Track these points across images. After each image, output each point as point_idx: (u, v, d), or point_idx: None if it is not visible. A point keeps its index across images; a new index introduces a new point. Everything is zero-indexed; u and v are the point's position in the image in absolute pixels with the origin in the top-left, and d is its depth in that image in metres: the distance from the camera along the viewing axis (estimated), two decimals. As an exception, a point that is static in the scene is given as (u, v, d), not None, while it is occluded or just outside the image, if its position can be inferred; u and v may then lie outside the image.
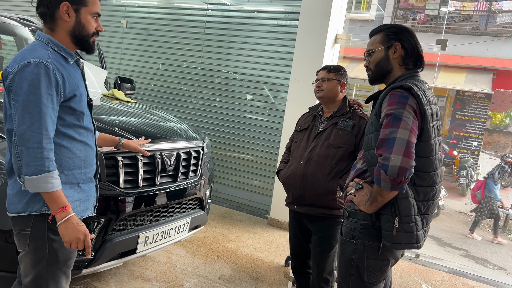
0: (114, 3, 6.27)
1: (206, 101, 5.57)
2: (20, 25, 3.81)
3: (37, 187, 1.54)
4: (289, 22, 4.99)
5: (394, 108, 1.66)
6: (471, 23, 12.14)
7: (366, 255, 1.77)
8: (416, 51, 1.84)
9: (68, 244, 1.62)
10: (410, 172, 1.61)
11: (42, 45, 1.64)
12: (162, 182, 2.68)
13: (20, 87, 1.53)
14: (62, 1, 1.63)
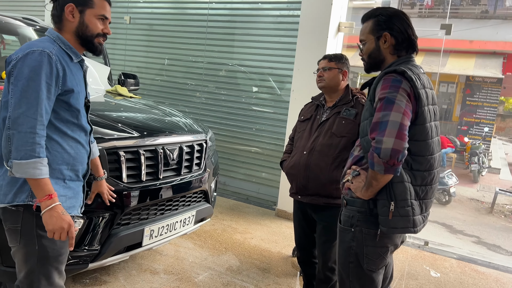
0: (117, 0, 6.28)
1: (211, 94, 5.57)
2: (23, 24, 3.84)
3: (24, 172, 1.53)
4: (291, 12, 4.95)
5: (387, 92, 1.65)
6: (480, 6, 11.91)
7: (365, 242, 1.77)
8: (407, 38, 1.80)
9: (51, 234, 1.61)
10: (403, 154, 1.59)
11: (50, 40, 1.70)
12: (166, 176, 2.70)
13: (21, 72, 1.56)
14: (67, 3, 1.69)
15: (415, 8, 12.60)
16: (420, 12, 12.43)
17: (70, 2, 1.70)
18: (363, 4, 11.59)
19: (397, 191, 1.68)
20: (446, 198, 8.78)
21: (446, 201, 8.79)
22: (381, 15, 1.82)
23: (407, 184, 1.69)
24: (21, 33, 3.63)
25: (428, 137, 1.72)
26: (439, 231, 7.03)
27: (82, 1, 1.71)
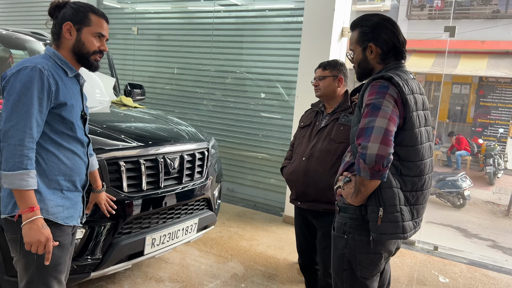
0: (125, 11, 6.41)
1: (218, 102, 5.62)
2: (32, 39, 3.95)
3: (12, 183, 1.58)
4: (295, 19, 4.97)
5: (374, 98, 1.65)
6: (491, 6, 11.74)
7: (358, 249, 1.76)
8: (392, 47, 1.80)
9: (28, 246, 1.63)
10: (388, 159, 1.59)
11: (45, 56, 1.76)
12: (167, 184, 2.73)
13: (14, 87, 1.62)
14: (65, 21, 1.76)
15: (424, 10, 12.50)
16: (430, 13, 12.32)
17: (68, 21, 1.76)
18: (366, 8, 11.57)
19: (386, 197, 1.67)
20: (460, 201, 8.64)
21: (461, 204, 8.64)
22: (365, 26, 1.83)
23: (396, 190, 1.68)
24: (28, 47, 3.73)
25: (417, 143, 1.71)
26: (452, 235, 6.92)
27: (79, 19, 1.76)
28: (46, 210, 1.70)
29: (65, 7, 1.79)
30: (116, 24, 6.44)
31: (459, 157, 11.40)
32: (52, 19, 1.81)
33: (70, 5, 1.79)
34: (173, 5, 6.00)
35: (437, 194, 8.77)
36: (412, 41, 12.06)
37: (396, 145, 1.66)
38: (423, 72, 12.11)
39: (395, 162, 1.69)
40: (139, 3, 6.21)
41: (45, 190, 1.70)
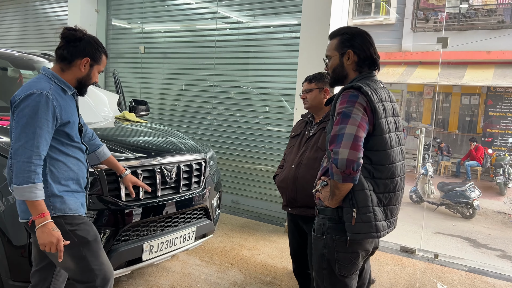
0: (132, 31, 6.67)
1: (222, 116, 5.78)
2: (42, 59, 4.18)
3: (22, 195, 1.80)
4: (294, 34, 5.14)
5: (345, 107, 1.77)
6: (496, 17, 11.79)
7: (336, 249, 1.86)
8: (368, 56, 1.92)
9: (42, 247, 1.85)
10: (358, 163, 1.70)
11: (46, 79, 1.96)
12: (164, 194, 2.87)
13: (23, 111, 1.83)
14: (85, 56, 1.96)
15: (429, 22, 12.60)
16: (435, 26, 12.41)
17: (88, 57, 1.97)
18: (369, 22, 11.74)
19: (359, 198, 1.78)
20: (470, 211, 8.57)
21: (470, 214, 8.58)
22: (346, 34, 1.96)
23: (368, 192, 1.79)
24: (37, 68, 3.95)
25: (387, 147, 1.82)
26: (461, 245, 6.88)
27: (96, 58, 2.00)
28: (69, 208, 1.96)
29: (84, 39, 1.98)
30: (124, 44, 6.70)
31: (468, 167, 11.32)
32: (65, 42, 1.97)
33: (90, 41, 1.99)
34: (177, 25, 6.23)
35: (446, 205, 8.73)
36: (417, 53, 12.16)
37: (367, 150, 1.78)
38: (431, 83, 12.15)
39: (367, 165, 1.80)
40: (146, 23, 6.47)
41: (64, 194, 1.95)
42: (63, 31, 1.97)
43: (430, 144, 11.82)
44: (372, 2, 13.43)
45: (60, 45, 1.98)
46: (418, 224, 7.00)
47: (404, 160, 1.94)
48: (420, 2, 12.64)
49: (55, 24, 7.45)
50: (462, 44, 10.88)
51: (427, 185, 9.12)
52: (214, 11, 5.75)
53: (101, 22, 6.86)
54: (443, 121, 14.02)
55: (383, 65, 12.92)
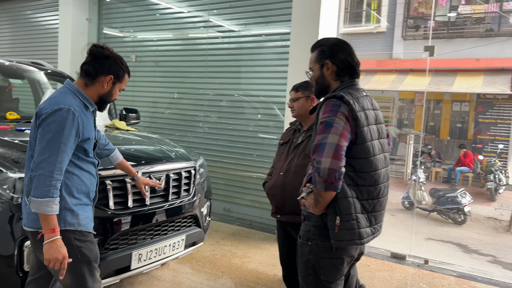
0: (124, 40, 6.69)
1: (214, 124, 5.80)
2: (32, 68, 4.18)
3: (39, 208, 1.82)
4: (284, 43, 5.18)
5: (327, 116, 1.80)
6: (484, 25, 11.97)
7: (321, 255, 1.88)
8: (347, 65, 1.96)
9: (47, 262, 1.85)
10: (339, 172, 1.72)
11: (71, 94, 2.00)
12: (153, 202, 2.87)
13: (49, 125, 1.87)
14: (109, 73, 2.02)
15: (419, 30, 12.76)
16: (425, 34, 12.57)
17: (112, 74, 2.03)
18: (359, 30, 11.87)
19: (342, 206, 1.80)
20: (461, 217, 8.62)
21: (462, 220, 8.63)
22: (324, 45, 2.01)
23: (351, 200, 1.81)
24: (27, 76, 3.95)
25: (369, 155, 1.85)
26: (452, 251, 6.92)
27: (119, 77, 2.08)
28: (78, 223, 1.98)
29: (111, 58, 2.04)
30: (116, 52, 6.70)
31: (458, 173, 11.41)
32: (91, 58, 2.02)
33: (116, 59, 2.06)
34: (169, 33, 6.26)
35: (438, 211, 8.78)
36: (408, 61, 12.30)
37: (350, 158, 1.80)
38: (421, 90, 12.28)
39: (351, 173, 1.83)
40: (138, 32, 6.49)
41: (76, 207, 1.97)
42: (91, 47, 2.04)
43: (421, 151, 11.92)
44: (363, 11, 13.59)
45: (86, 61, 2.04)
46: (409, 230, 7.02)
47: (387, 167, 1.97)
48: (410, 10, 12.81)
49: (46, 33, 7.45)
50: (451, 52, 11.03)
51: (419, 192, 9.18)
52: (205, 20, 5.80)
53: (93, 30, 6.88)
54: (434, 127, 14.15)
55: (374, 72, 13.04)
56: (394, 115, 14.45)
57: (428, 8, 12.26)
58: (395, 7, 12.80)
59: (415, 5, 12.76)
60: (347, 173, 1.82)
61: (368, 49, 12.56)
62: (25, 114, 3.60)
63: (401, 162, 12.05)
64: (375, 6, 13.56)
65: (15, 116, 3.37)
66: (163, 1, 6.23)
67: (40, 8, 7.64)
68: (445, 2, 12.37)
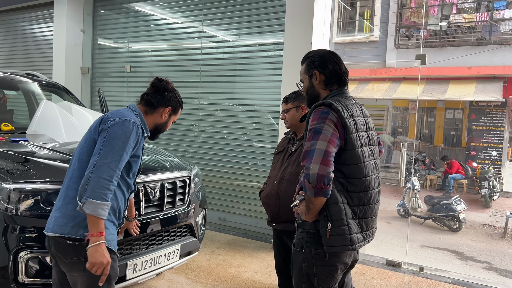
0: (118, 51, 6.72)
1: (208, 133, 5.82)
2: (26, 80, 4.19)
3: (94, 210, 1.84)
4: (278, 53, 5.24)
5: (316, 123, 1.83)
6: (475, 33, 12.14)
7: (314, 262, 1.89)
8: (335, 74, 2.01)
9: (90, 266, 1.86)
10: (328, 178, 1.75)
11: (134, 113, 2.11)
12: (148, 212, 2.87)
13: (116, 133, 1.95)
14: (168, 106, 2.18)
15: (412, 39, 12.90)
16: (418, 42, 12.71)
17: (171, 106, 2.18)
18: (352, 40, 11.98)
19: (333, 212, 1.82)
20: (456, 224, 8.65)
21: (457, 227, 8.66)
22: (311, 57, 2.08)
23: (341, 205, 1.83)
24: (21, 88, 3.96)
25: (359, 161, 1.87)
26: (448, 258, 6.93)
27: (176, 109, 2.26)
28: (106, 239, 1.95)
29: (172, 92, 2.21)
30: (110, 63, 6.74)
31: (451, 180, 11.47)
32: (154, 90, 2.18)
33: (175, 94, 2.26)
34: (163, 44, 6.31)
35: (433, 218, 8.80)
36: (401, 69, 12.42)
37: (340, 164, 1.83)
38: (414, 98, 12.39)
39: (341, 179, 1.85)
40: (132, 43, 6.53)
41: (107, 223, 1.97)
42: (154, 80, 2.23)
43: (415, 158, 11.98)
44: (355, 21, 13.74)
45: (148, 91, 2.21)
46: (404, 238, 7.03)
47: (378, 173, 1.99)
48: (402, 19, 12.96)
49: (41, 44, 7.47)
50: (443, 60, 11.15)
51: (414, 199, 9.21)
52: (199, 30, 5.85)
53: (87, 42, 6.91)
54: (428, 135, 14.25)
55: (368, 81, 13.14)
56: (388, 123, 14.54)
57: (420, 17, 12.42)
58: (388, 17, 12.95)
59: (407, 14, 12.92)
60: (337, 179, 1.85)
61: (362, 58, 12.69)
62: (19, 125, 3.61)
63: (396, 170, 12.10)
64: (367, 15, 13.72)
65: (9, 127, 3.38)
66: (157, 12, 6.29)
67: (35, 20, 7.67)
68: (437, 12, 12.54)
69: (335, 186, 1.84)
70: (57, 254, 1.96)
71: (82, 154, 2.00)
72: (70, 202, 1.95)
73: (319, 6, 4.63)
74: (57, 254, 1.96)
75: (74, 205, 1.92)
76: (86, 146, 2.01)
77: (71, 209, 1.93)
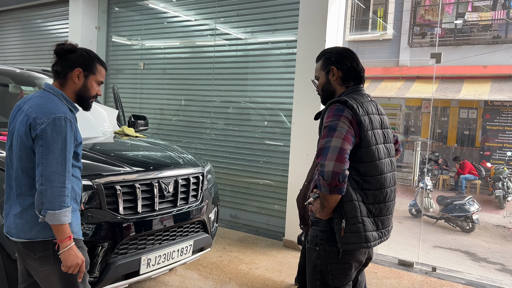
0: (132, 48, 6.78)
1: (220, 131, 5.84)
2: (43, 76, 4.25)
3: (57, 219, 1.81)
4: (291, 50, 5.23)
5: (331, 121, 1.83)
6: (491, 32, 11.96)
7: (328, 259, 1.89)
8: (352, 70, 2.00)
9: (66, 269, 1.86)
10: (343, 175, 1.75)
11: (59, 100, 1.95)
12: (162, 207, 2.90)
13: (51, 136, 1.83)
14: (76, 67, 1.97)
15: (426, 37, 12.76)
16: (432, 41, 12.57)
17: (79, 67, 1.98)
18: (366, 38, 11.88)
19: (347, 209, 1.82)
20: (469, 225, 8.55)
21: (470, 228, 8.56)
22: (329, 53, 2.07)
23: (356, 203, 1.83)
24: (38, 84, 4.02)
25: (375, 159, 1.87)
26: (460, 258, 6.87)
27: (89, 67, 2.00)
28: (73, 231, 1.94)
29: (76, 52, 2.00)
30: (124, 60, 6.80)
31: (463, 181, 11.34)
32: (58, 59, 2.00)
33: (81, 52, 2.01)
34: (177, 41, 6.34)
35: (446, 219, 8.72)
36: (414, 68, 12.29)
37: (355, 162, 1.83)
38: (427, 97, 12.26)
39: (356, 177, 1.85)
40: (146, 40, 6.58)
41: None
42: (54, 48, 2.00)
43: (428, 158, 11.85)
44: (369, 18, 13.64)
45: (54, 62, 2.01)
46: (416, 238, 6.98)
47: (394, 171, 1.99)
48: (416, 18, 12.82)
49: (56, 41, 7.53)
50: (458, 59, 11.01)
51: (426, 199, 9.13)
52: (212, 28, 5.86)
53: (102, 39, 6.97)
54: (441, 135, 14.09)
55: (381, 79, 13.04)
56: (401, 122, 14.41)
57: (434, 15, 12.27)
58: (402, 15, 12.82)
59: (421, 13, 12.78)
60: (352, 176, 1.85)
61: (375, 56, 12.59)
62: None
63: (408, 169, 11.99)
64: (381, 13, 13.60)
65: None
66: (170, 10, 6.32)
67: (51, 17, 7.78)
68: (452, 10, 12.38)
69: (349, 183, 1.84)
70: (25, 252, 1.94)
71: (23, 162, 1.89)
72: (28, 208, 1.90)
73: (333, 4, 4.60)
74: (25, 251, 1.94)
75: (33, 211, 1.88)
76: (24, 153, 1.88)
77: (32, 215, 1.89)
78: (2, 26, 8.70)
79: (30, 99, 1.98)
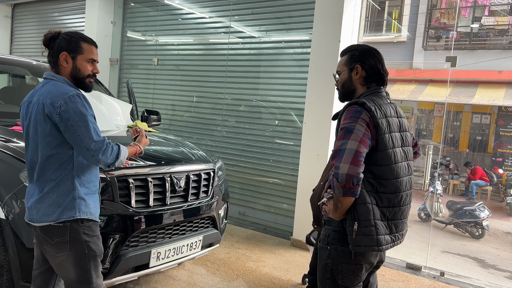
0: (146, 43, 6.83)
1: (231, 128, 5.86)
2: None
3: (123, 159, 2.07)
4: (305, 50, 5.22)
5: (348, 122, 1.82)
6: (507, 37, 11.80)
7: (339, 259, 1.89)
8: (376, 72, 1.98)
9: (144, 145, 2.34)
10: (357, 178, 1.74)
11: (63, 84, 2.01)
12: (173, 202, 2.93)
13: (75, 113, 1.91)
14: (61, 51, 2.01)
15: (441, 40, 12.64)
16: (446, 44, 12.45)
17: (64, 51, 2.01)
18: (380, 39, 11.79)
19: (360, 212, 1.82)
20: (479, 231, 8.47)
21: (479, 234, 8.48)
22: (355, 50, 2.04)
23: (369, 206, 1.82)
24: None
25: (391, 162, 1.86)
26: (468, 265, 6.80)
27: (73, 49, 2.02)
28: (90, 212, 2.03)
29: (58, 38, 2.04)
30: (138, 55, 6.86)
31: (474, 186, 11.23)
32: (48, 49, 2.06)
33: (62, 36, 2.04)
34: (191, 38, 6.37)
35: (455, 224, 8.65)
36: (428, 71, 12.18)
37: (371, 165, 1.82)
38: (441, 101, 12.15)
39: (371, 180, 1.84)
40: (161, 36, 6.62)
41: (87, 196, 2.03)
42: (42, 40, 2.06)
43: (439, 162, 11.75)
44: (383, 20, 13.55)
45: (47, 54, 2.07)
46: (425, 242, 6.94)
47: (411, 175, 1.97)
48: (431, 20, 12.71)
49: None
50: (473, 63, 10.89)
51: (436, 203, 9.06)
52: (227, 26, 5.88)
53: (117, 34, 7.04)
54: (453, 139, 13.95)
55: (393, 82, 12.95)
56: (413, 125, 14.30)
57: (450, 18, 12.15)
58: (417, 17, 12.72)
59: (437, 16, 12.66)
60: (367, 179, 1.84)
61: (388, 58, 12.47)
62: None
63: (419, 173, 11.91)
64: (396, 15, 13.51)
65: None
66: (185, 6, 6.35)
67: (67, 11, 7.86)
68: (468, 13, 12.25)
69: (364, 186, 1.83)
70: (43, 237, 2.00)
71: (43, 150, 1.95)
72: (50, 191, 1.96)
73: (349, 4, 4.59)
74: (43, 236, 2.00)
75: (54, 194, 1.96)
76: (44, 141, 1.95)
77: (54, 198, 1.96)
78: (19, 18, 8.82)
79: (36, 91, 2.03)
